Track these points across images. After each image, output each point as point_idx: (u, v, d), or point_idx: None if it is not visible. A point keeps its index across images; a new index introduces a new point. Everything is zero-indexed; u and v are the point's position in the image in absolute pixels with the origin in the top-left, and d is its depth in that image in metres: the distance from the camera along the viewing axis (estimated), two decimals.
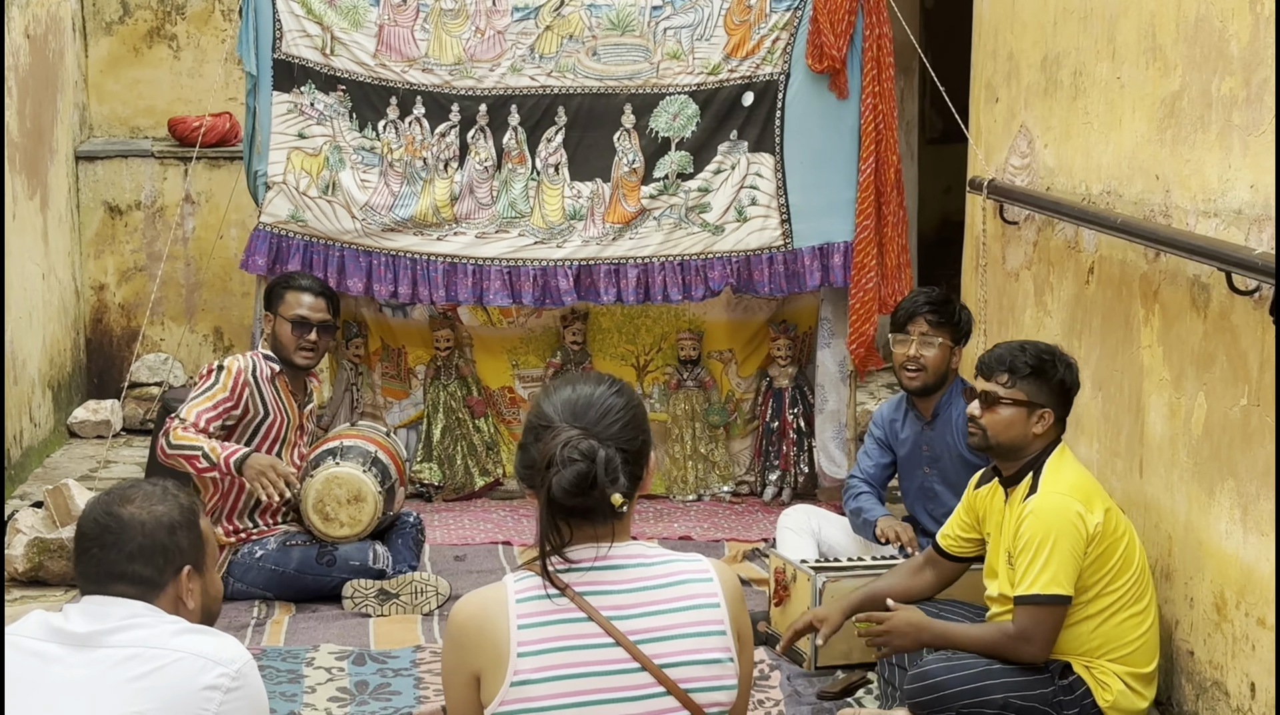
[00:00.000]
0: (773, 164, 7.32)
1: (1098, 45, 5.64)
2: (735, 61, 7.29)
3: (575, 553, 3.03)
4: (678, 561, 3.08)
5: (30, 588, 6.52)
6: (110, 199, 9.81)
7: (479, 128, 7.35)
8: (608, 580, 3.01)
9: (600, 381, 3.11)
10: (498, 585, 3.06)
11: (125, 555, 3.14)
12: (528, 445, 3.09)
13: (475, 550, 7.05)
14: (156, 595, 3.17)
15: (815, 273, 7.35)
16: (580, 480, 2.96)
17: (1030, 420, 4.75)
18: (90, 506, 3.23)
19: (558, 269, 7.37)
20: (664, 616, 3.00)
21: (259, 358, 6.32)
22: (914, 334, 5.89)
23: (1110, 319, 5.49)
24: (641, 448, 3.08)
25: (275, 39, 7.29)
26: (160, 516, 3.19)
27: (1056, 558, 4.57)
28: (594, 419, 3.03)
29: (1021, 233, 6.40)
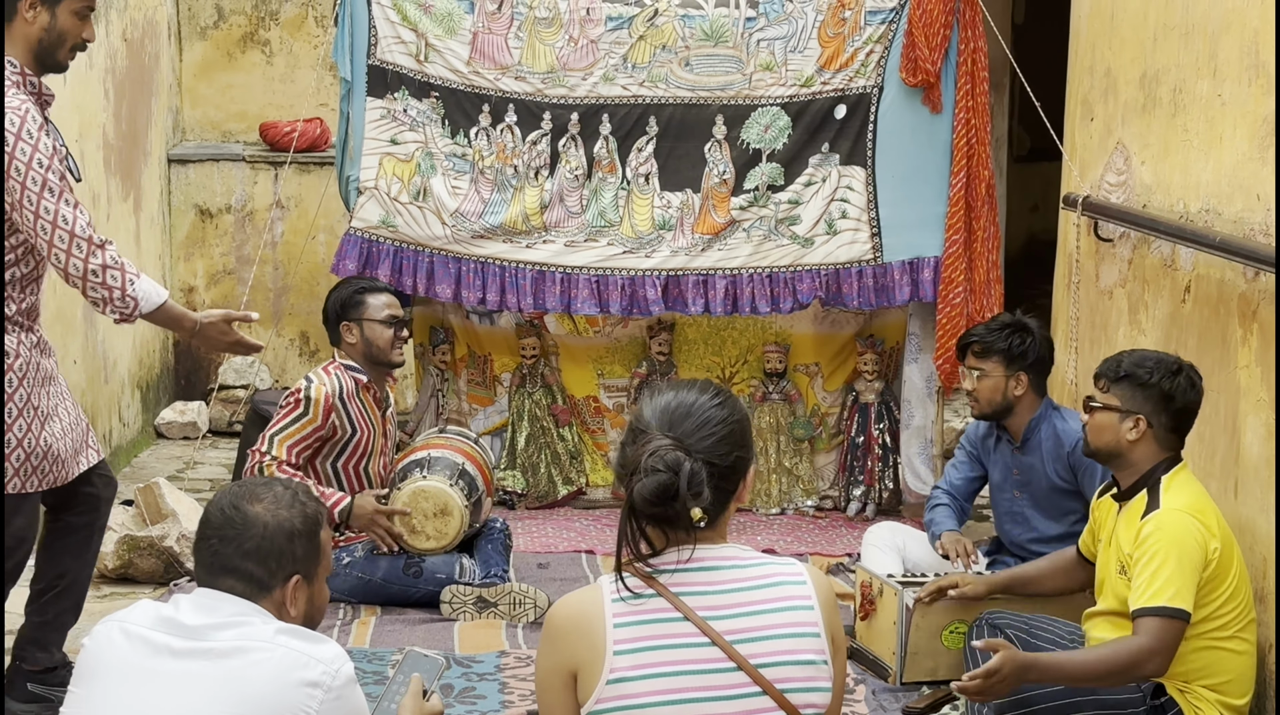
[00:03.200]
0: (864, 177, 7.32)
1: (1199, 62, 5.61)
2: (828, 74, 7.30)
3: (661, 556, 3.05)
4: (772, 564, 3.10)
5: (119, 585, 6.61)
6: (201, 202, 9.92)
7: (570, 136, 7.39)
8: (702, 581, 3.03)
9: (705, 390, 3.11)
10: (593, 586, 3.09)
11: (242, 551, 3.20)
12: (625, 446, 3.12)
13: (558, 558, 7.08)
14: (264, 596, 3.22)
15: (905, 287, 7.34)
16: (661, 491, 2.97)
17: (1122, 426, 4.71)
18: (220, 496, 3.29)
19: (646, 279, 7.39)
20: (759, 617, 3.02)
21: (341, 372, 6.29)
22: (969, 366, 5.96)
23: (1206, 338, 5.45)
24: (735, 464, 3.07)
25: (370, 45, 7.36)
26: (283, 521, 3.24)
27: (1180, 572, 4.50)
28: (689, 429, 3.04)
29: (1116, 250, 6.37)
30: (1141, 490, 4.73)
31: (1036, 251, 12.48)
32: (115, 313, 4.80)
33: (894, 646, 5.50)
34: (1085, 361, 6.61)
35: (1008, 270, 10.60)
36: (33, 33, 4.73)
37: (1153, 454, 4.74)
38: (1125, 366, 4.76)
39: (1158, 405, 4.73)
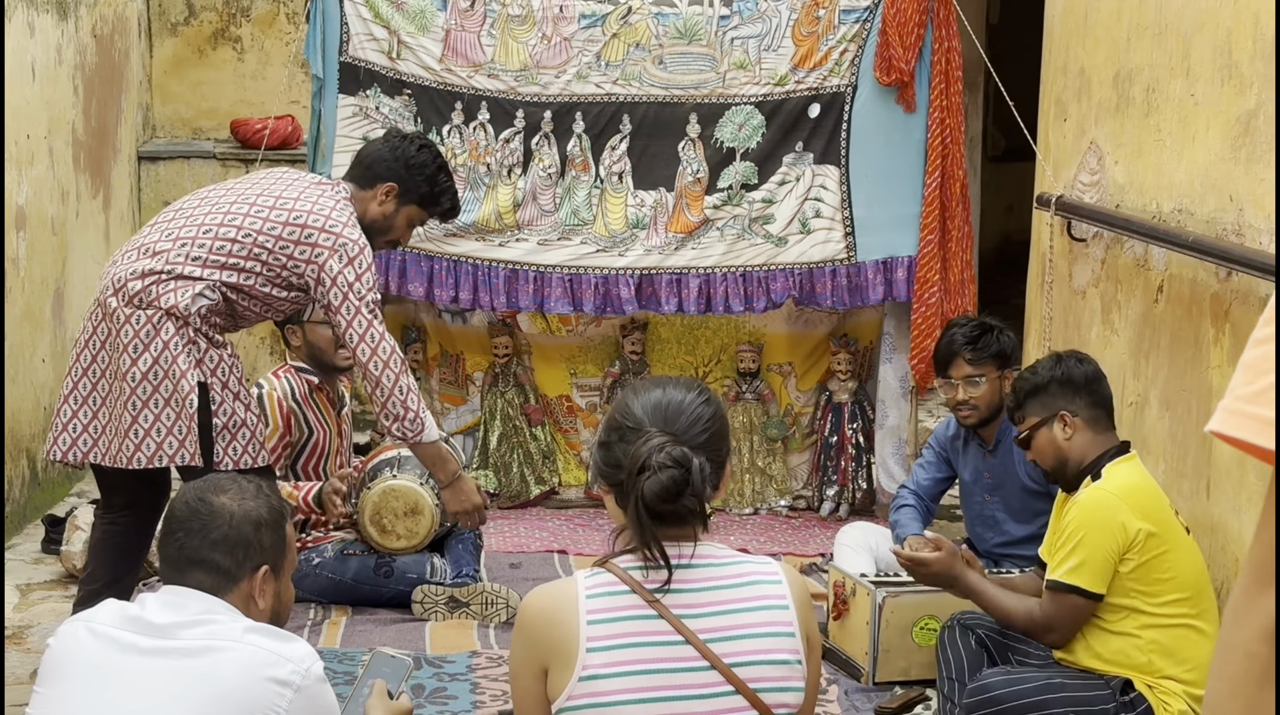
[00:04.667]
0: (838, 176, 7.35)
1: (1172, 62, 5.65)
2: (802, 73, 7.32)
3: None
4: (747, 562, 3.12)
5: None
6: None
7: (543, 134, 7.40)
8: (678, 579, 3.05)
9: (690, 388, 3.15)
10: (568, 580, 3.10)
11: (209, 542, 3.21)
12: (611, 443, 3.13)
13: (530, 558, 7.10)
14: (231, 588, 3.23)
15: (879, 287, 7.37)
16: (675, 486, 3.00)
17: (1054, 433, 4.80)
18: (184, 491, 3.31)
19: (619, 278, 7.41)
20: (734, 616, 3.04)
21: (292, 374, 6.28)
22: (957, 377, 5.94)
23: (1179, 338, 5.49)
24: (724, 458, 3.13)
25: (342, 42, 7.37)
26: (249, 511, 3.26)
27: (1087, 550, 4.58)
28: (684, 426, 3.07)
29: (1090, 250, 6.41)
30: (1085, 478, 4.79)
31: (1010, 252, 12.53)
32: (400, 432, 5.21)
33: (866, 646, 5.53)
34: None
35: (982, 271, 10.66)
36: (373, 210, 5.34)
37: (1091, 440, 4.81)
38: (1019, 389, 4.92)
39: (1065, 393, 4.84)
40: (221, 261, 5.08)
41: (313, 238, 5.09)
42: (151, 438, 5.08)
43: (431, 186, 5.39)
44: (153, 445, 5.07)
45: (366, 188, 5.34)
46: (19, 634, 6.05)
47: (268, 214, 5.14)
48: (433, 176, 5.39)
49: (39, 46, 7.74)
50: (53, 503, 7.81)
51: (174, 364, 5.00)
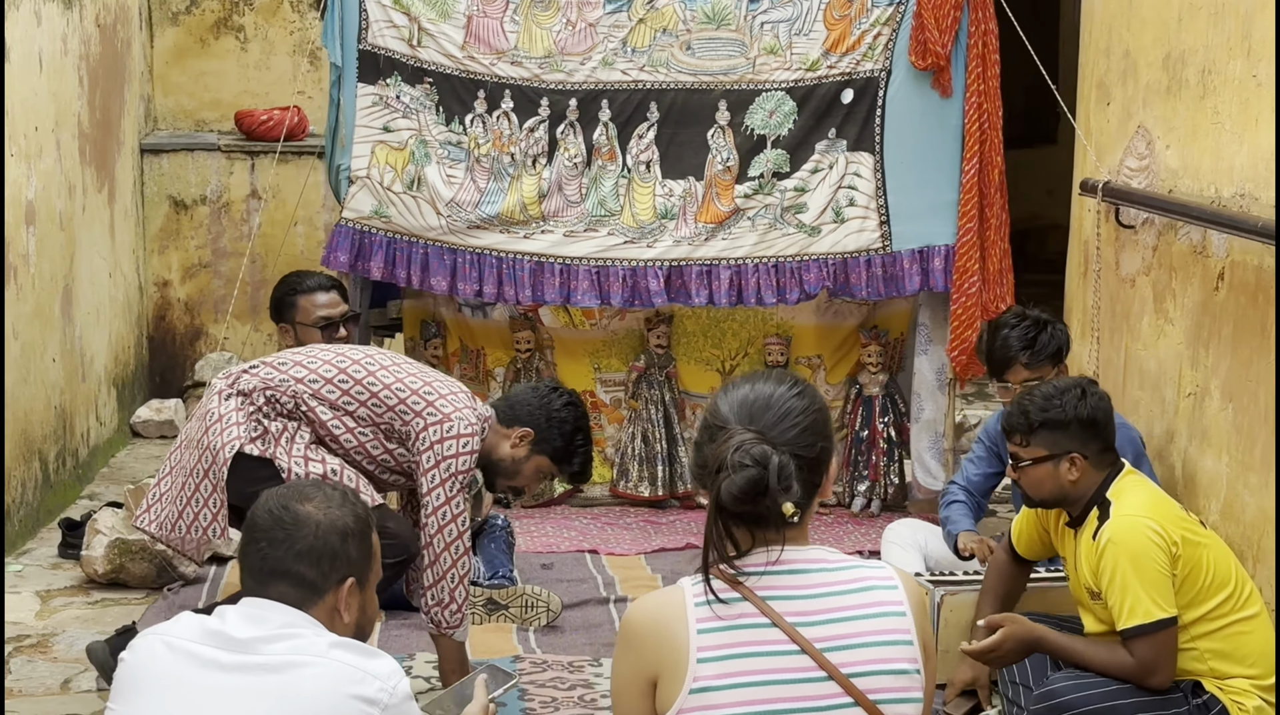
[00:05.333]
0: (872, 164, 7.22)
1: (1230, 42, 5.52)
2: (835, 57, 7.19)
3: (747, 558, 2.95)
4: (862, 567, 3.00)
5: (111, 590, 6.47)
6: (175, 193, 9.76)
7: (568, 123, 7.26)
8: (790, 585, 2.93)
9: (781, 381, 3.02)
10: (674, 588, 2.98)
11: (294, 553, 3.09)
12: (701, 444, 3.02)
13: (561, 558, 6.97)
14: (315, 601, 3.10)
15: (915, 276, 7.25)
16: (750, 487, 2.88)
17: (1059, 470, 4.69)
18: (265, 498, 3.17)
19: (648, 269, 7.28)
20: (850, 624, 2.91)
21: None
22: (1014, 382, 5.76)
23: (1243, 327, 5.36)
24: (820, 455, 2.99)
25: (361, 30, 7.22)
26: (335, 520, 3.13)
27: (1148, 580, 4.48)
28: (771, 422, 2.95)
29: (1139, 237, 6.29)
30: (1091, 510, 4.70)
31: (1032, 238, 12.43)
32: (439, 619, 5.04)
33: None
34: (1105, 352, 6.54)
35: None
36: (504, 449, 5.21)
37: (1094, 479, 4.71)
38: (1035, 415, 4.71)
39: (1084, 435, 4.70)
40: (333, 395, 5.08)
41: (430, 399, 5.05)
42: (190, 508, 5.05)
43: (567, 444, 5.26)
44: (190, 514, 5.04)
45: (505, 425, 5.23)
46: (44, 642, 5.90)
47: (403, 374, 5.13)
48: (570, 435, 5.26)
49: (46, 36, 7.58)
50: (65, 505, 7.66)
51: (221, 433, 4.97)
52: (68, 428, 7.88)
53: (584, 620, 6.17)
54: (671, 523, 7.60)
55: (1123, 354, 6.39)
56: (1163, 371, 6.03)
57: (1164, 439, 5.95)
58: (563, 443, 5.26)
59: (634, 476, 7.85)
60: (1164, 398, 6.00)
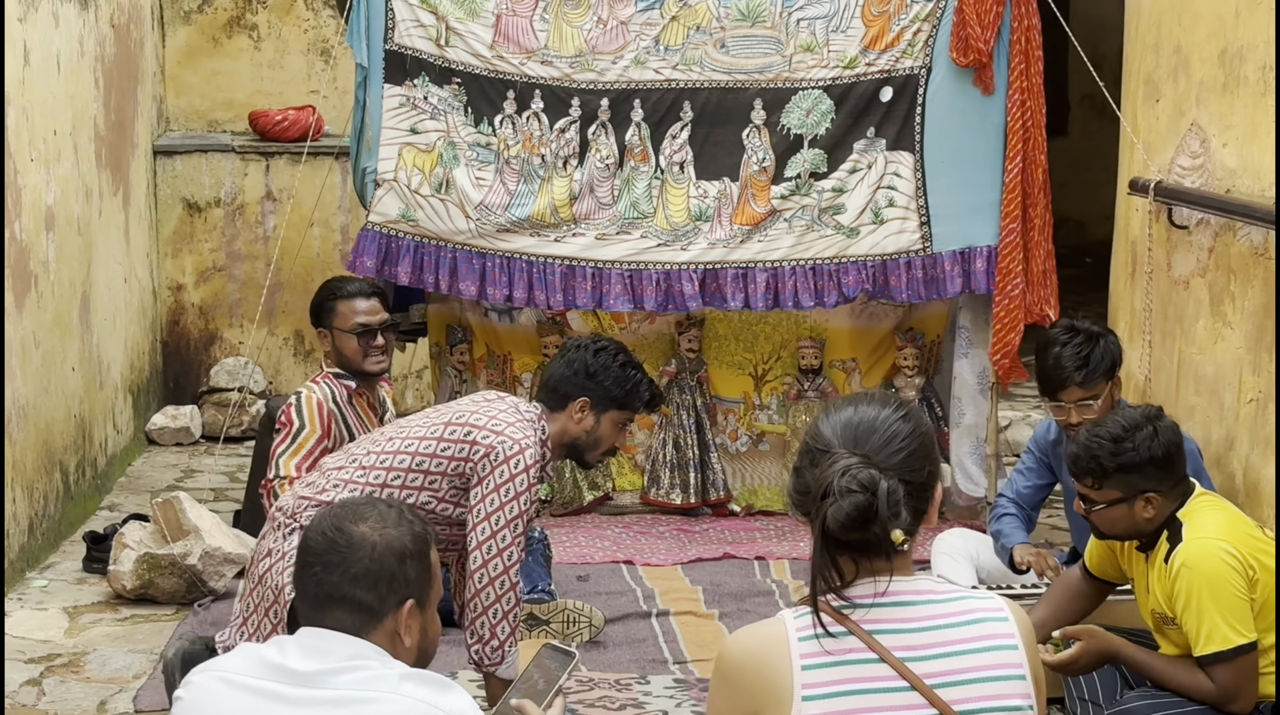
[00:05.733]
0: (912, 163, 7.09)
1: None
2: (873, 54, 7.06)
3: (853, 589, 2.81)
4: (971, 599, 2.86)
5: (140, 606, 6.33)
6: (189, 195, 9.61)
7: (600, 123, 7.13)
8: (897, 618, 2.79)
9: (885, 403, 2.89)
10: (774, 621, 2.84)
11: (350, 577, 2.92)
12: (802, 469, 2.88)
13: (597, 570, 6.84)
14: (375, 626, 2.93)
15: (956, 278, 7.12)
16: (859, 513, 2.74)
17: (1135, 510, 4.53)
18: (319, 519, 3.01)
19: (682, 273, 7.14)
20: (961, 659, 2.78)
21: (330, 381, 5.95)
22: (1069, 402, 5.55)
23: None
24: (927, 479, 2.86)
25: (388, 29, 7.08)
26: (392, 540, 2.96)
27: (1225, 605, 4.35)
28: (876, 446, 2.81)
29: (1193, 238, 6.15)
30: (1161, 535, 4.56)
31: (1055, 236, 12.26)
32: (480, 656, 4.88)
33: None
34: (1157, 356, 6.41)
35: None
36: (572, 429, 5.06)
37: (1168, 510, 4.59)
38: (1107, 460, 4.53)
39: (1157, 474, 4.55)
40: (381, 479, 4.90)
41: (472, 436, 4.87)
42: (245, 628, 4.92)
43: (622, 386, 5.10)
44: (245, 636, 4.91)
45: (559, 409, 5.07)
46: (75, 661, 5.76)
47: (443, 431, 4.94)
48: (620, 375, 5.10)
49: (63, 38, 7.44)
50: (86, 516, 7.52)
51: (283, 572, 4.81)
52: (87, 437, 7.74)
53: (626, 635, 6.04)
54: (705, 531, 7.47)
55: (1175, 358, 6.26)
56: (1221, 377, 5.90)
57: (1223, 446, 5.82)
58: (619, 389, 5.10)
59: (665, 484, 7.72)
60: (1223, 403, 5.87)
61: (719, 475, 7.74)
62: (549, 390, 5.13)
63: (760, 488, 7.83)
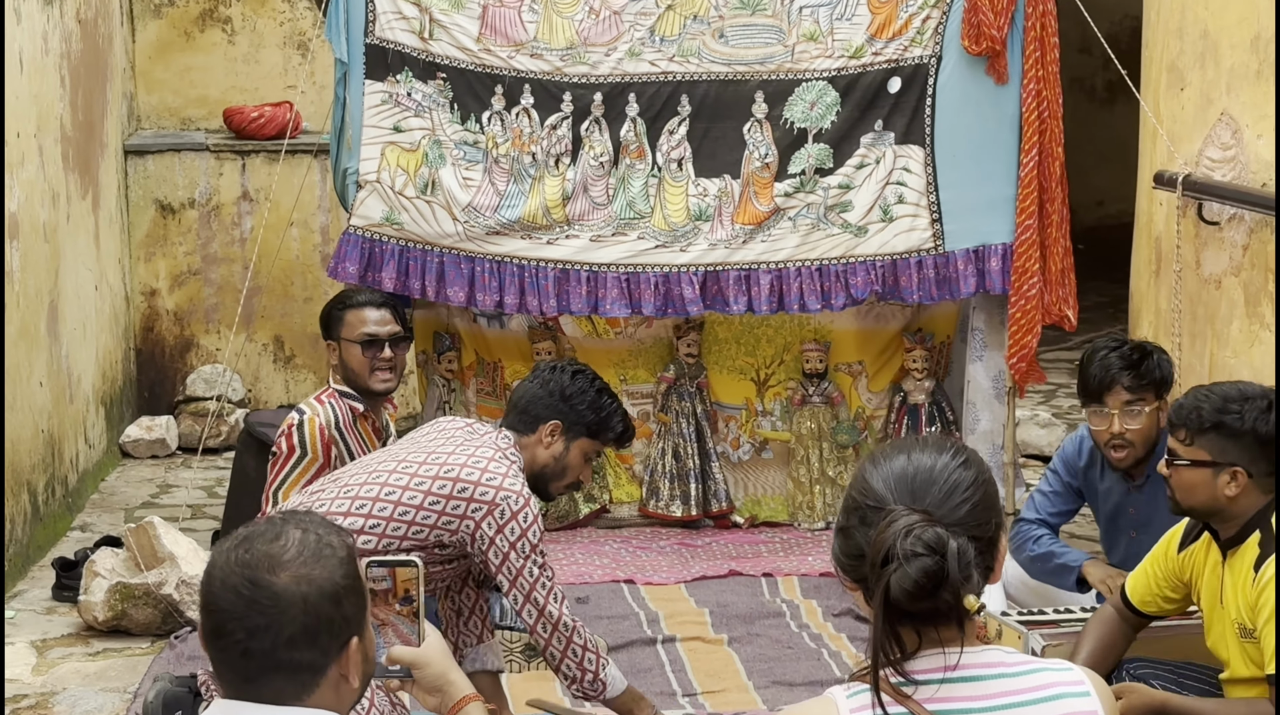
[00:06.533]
0: (922, 157, 6.77)
1: None
2: (880, 43, 6.73)
3: (918, 663, 2.47)
4: (1046, 671, 2.52)
5: (112, 639, 5.99)
6: (162, 197, 9.26)
7: (593, 119, 6.80)
8: (964, 695, 2.45)
9: (942, 449, 2.54)
10: (823, 701, 2.50)
11: (284, 640, 2.42)
12: (851, 529, 2.53)
13: (597, 590, 6.52)
14: (318, 681, 2.47)
15: (970, 278, 6.80)
16: (928, 579, 2.39)
17: (1218, 482, 4.18)
18: (224, 568, 2.46)
19: (682, 275, 6.82)
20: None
21: (335, 401, 5.55)
22: (1113, 406, 5.20)
23: None
24: (995, 533, 2.52)
25: (368, 22, 6.74)
26: (324, 585, 2.45)
27: None
28: (937, 499, 2.47)
29: (1225, 234, 5.84)
30: (1250, 535, 4.21)
31: None
32: (582, 692, 4.76)
33: None
34: (1187, 358, 6.08)
35: None
36: (541, 456, 4.79)
37: (1256, 501, 4.21)
38: (1208, 414, 4.20)
39: (1255, 452, 4.19)
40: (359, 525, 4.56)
41: (467, 491, 4.56)
42: None
43: (597, 412, 4.80)
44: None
45: (529, 432, 4.78)
46: (43, 703, 5.41)
47: (416, 469, 4.61)
48: (595, 401, 4.81)
49: (26, 35, 7.09)
50: (56, 538, 7.19)
51: None
52: (56, 454, 7.39)
53: (631, 664, 5.70)
54: (708, 545, 7.14)
55: (1207, 361, 5.94)
56: (1259, 380, 5.57)
57: None
58: (593, 414, 4.81)
59: (665, 495, 7.40)
60: None
61: (720, 485, 7.42)
62: (519, 411, 4.83)
63: (764, 498, 7.51)
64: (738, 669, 5.67)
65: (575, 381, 4.83)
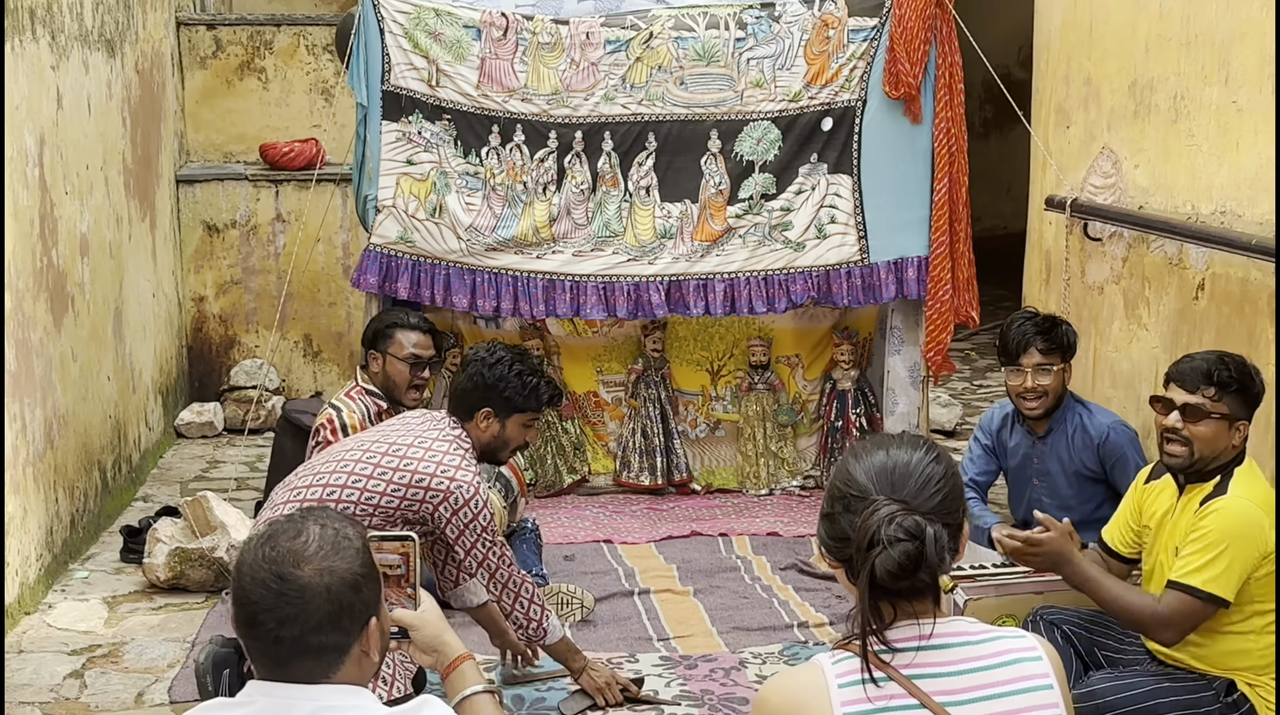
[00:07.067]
0: (850, 184, 6.60)
1: (1205, 71, 4.94)
2: (815, 89, 6.56)
3: (896, 633, 2.31)
4: (1004, 639, 2.37)
5: (172, 595, 5.77)
6: (208, 218, 9.01)
7: (575, 153, 6.60)
8: (934, 662, 2.30)
9: (916, 446, 2.38)
10: (810, 667, 2.34)
11: (311, 626, 2.29)
12: (835, 515, 2.37)
13: (582, 549, 6.33)
14: (343, 660, 2.33)
15: (890, 285, 6.63)
16: (909, 561, 2.24)
17: (1230, 433, 3.99)
18: (253, 565, 2.32)
19: (650, 284, 6.63)
20: (999, 701, 2.29)
21: (364, 397, 5.38)
22: (1027, 365, 5.08)
23: (1227, 334, 4.79)
24: (961, 520, 2.37)
25: (385, 72, 6.52)
26: (344, 575, 2.32)
27: (1228, 559, 3.82)
28: (914, 490, 2.32)
29: (1106, 248, 5.70)
30: (1213, 478, 4.03)
31: None
32: (526, 636, 4.64)
33: None
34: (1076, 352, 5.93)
35: None
36: (483, 438, 4.58)
37: (1241, 448, 4.05)
38: (1236, 374, 4.00)
39: (1252, 407, 4.05)
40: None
41: (424, 482, 4.34)
42: None
43: (521, 390, 4.55)
44: None
45: (468, 420, 4.56)
46: (114, 652, 5.20)
47: (379, 460, 4.38)
48: (517, 384, 4.56)
49: (93, 83, 6.85)
50: (122, 508, 6.96)
51: None
52: (121, 437, 7.17)
53: (613, 614, 5.54)
54: (672, 509, 6.97)
55: (1092, 355, 5.81)
56: (1137, 372, 5.45)
57: (1141, 432, 5.37)
58: (519, 396, 4.55)
59: (635, 467, 7.22)
60: (1139, 396, 5.43)
61: (682, 459, 7.25)
62: (456, 403, 4.61)
63: (718, 469, 7.34)
64: (703, 616, 5.50)
65: (495, 371, 4.56)
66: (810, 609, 5.51)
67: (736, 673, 4.88)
